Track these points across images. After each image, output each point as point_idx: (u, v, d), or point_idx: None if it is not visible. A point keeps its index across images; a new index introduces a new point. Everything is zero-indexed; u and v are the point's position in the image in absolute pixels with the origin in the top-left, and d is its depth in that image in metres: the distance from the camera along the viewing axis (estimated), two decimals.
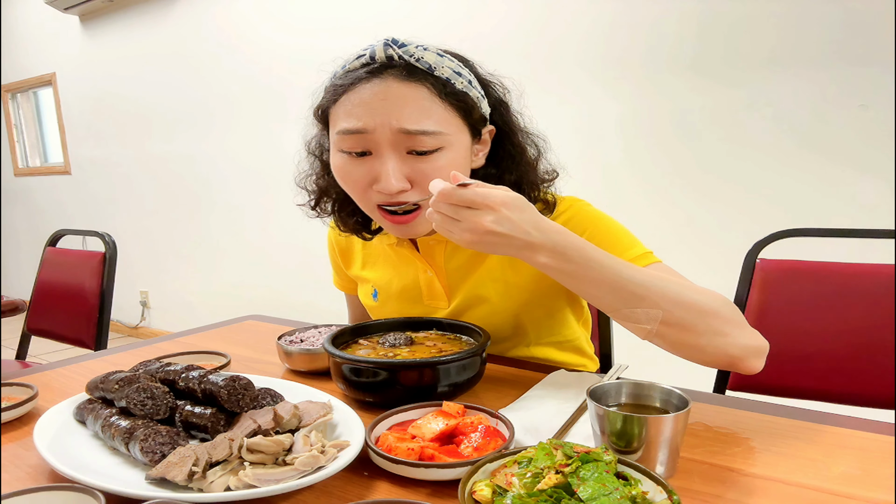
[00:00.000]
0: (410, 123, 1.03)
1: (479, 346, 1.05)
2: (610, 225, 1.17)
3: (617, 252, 1.07)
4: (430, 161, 1.06)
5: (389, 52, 1.05)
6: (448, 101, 1.06)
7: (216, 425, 0.88)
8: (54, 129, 5.79)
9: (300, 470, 0.75)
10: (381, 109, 1.03)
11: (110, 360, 1.37)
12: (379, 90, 1.03)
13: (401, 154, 1.06)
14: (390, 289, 1.34)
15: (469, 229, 0.89)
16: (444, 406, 0.91)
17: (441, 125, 1.05)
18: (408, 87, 1.04)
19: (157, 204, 5.01)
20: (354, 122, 1.05)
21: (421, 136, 1.03)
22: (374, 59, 1.06)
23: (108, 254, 2.29)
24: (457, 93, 1.07)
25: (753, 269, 1.50)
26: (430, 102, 1.05)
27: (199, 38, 4.37)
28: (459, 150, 1.09)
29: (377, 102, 1.03)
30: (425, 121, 1.04)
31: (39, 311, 2.47)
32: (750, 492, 0.74)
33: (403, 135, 1.03)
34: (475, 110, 1.11)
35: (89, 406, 0.94)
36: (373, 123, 1.03)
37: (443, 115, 1.06)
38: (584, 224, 1.15)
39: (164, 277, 5.17)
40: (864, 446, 0.84)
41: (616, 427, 0.76)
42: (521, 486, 0.67)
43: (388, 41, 1.06)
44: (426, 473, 0.77)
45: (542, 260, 0.92)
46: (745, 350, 0.97)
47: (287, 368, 1.26)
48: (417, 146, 1.04)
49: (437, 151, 1.06)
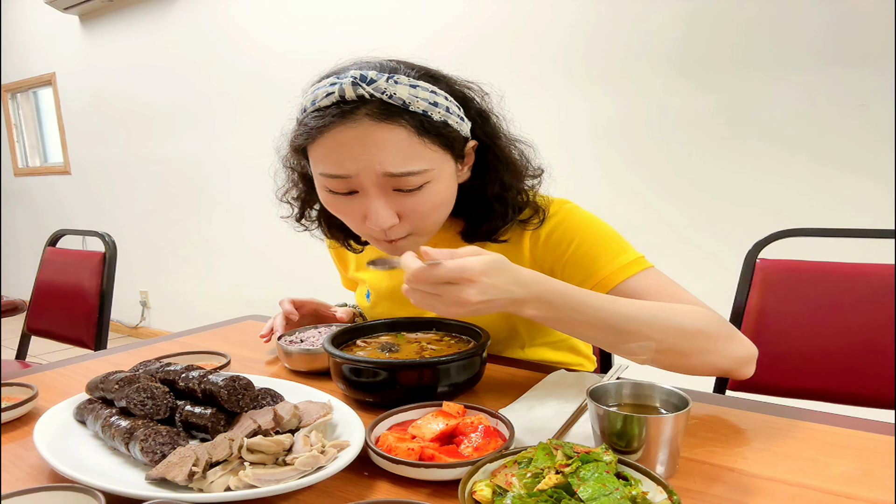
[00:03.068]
0: (394, 167, 1.00)
1: (479, 346, 1.05)
2: (599, 230, 1.15)
3: (607, 258, 1.10)
4: (417, 196, 1.04)
5: (360, 92, 0.98)
6: (427, 136, 1.02)
7: (216, 425, 0.88)
8: (54, 129, 5.79)
9: (300, 470, 0.75)
10: (361, 154, 0.99)
11: (110, 360, 1.37)
12: (355, 134, 0.99)
13: (387, 193, 1.04)
14: (381, 290, 1.35)
15: (454, 303, 0.86)
16: (444, 406, 0.91)
17: (424, 163, 1.02)
18: (384, 129, 0.99)
19: (157, 204, 5.01)
20: (335, 168, 1.02)
21: (406, 177, 1.01)
22: (345, 98, 0.99)
23: (107, 254, 2.29)
24: (436, 125, 1.03)
25: (753, 270, 1.50)
26: (409, 142, 1.00)
27: (200, 38, 4.38)
28: (444, 178, 1.07)
29: (356, 147, 0.99)
30: (408, 163, 1.01)
31: (39, 311, 2.47)
32: (750, 492, 0.74)
33: (387, 177, 1.01)
34: (456, 138, 1.07)
35: (89, 406, 0.94)
36: (355, 168, 1.00)
37: (424, 153, 1.02)
38: (574, 230, 1.15)
39: (164, 277, 5.17)
40: (864, 446, 0.84)
41: (616, 427, 0.76)
42: (522, 487, 0.67)
43: (356, 79, 0.99)
44: (426, 473, 0.77)
45: (530, 312, 0.92)
46: (734, 362, 1.01)
47: (287, 368, 1.26)
48: (403, 185, 1.02)
49: (423, 186, 1.04)
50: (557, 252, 1.15)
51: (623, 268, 1.08)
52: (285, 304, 1.38)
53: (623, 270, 1.08)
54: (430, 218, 1.09)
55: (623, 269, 1.08)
